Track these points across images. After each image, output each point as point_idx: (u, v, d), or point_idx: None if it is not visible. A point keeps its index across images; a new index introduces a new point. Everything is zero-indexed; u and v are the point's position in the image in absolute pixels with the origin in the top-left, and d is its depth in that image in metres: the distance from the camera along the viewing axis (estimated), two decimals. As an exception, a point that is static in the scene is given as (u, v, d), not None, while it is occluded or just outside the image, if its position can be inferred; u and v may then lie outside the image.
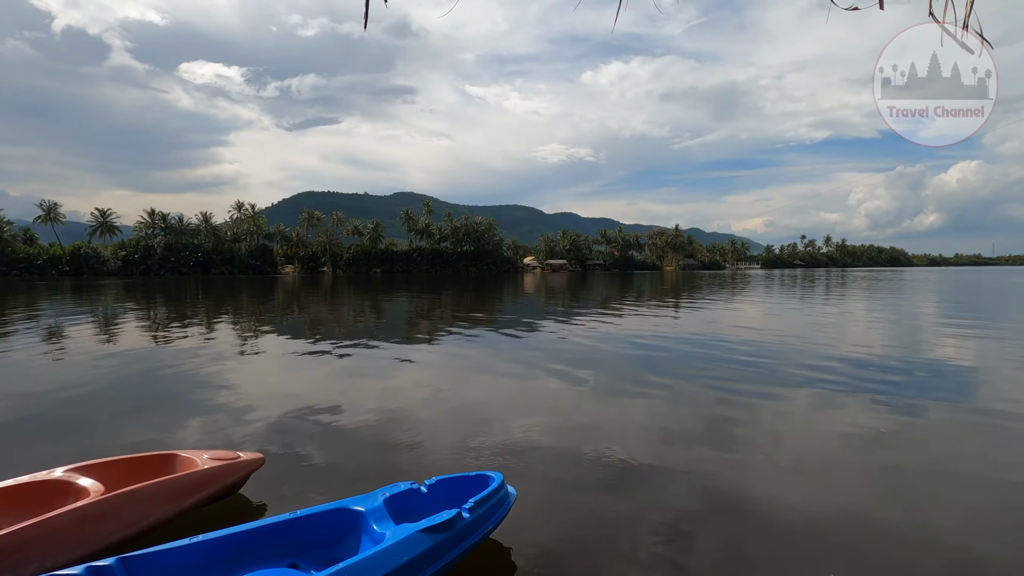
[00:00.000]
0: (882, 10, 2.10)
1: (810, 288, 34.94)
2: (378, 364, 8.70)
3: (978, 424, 5.35)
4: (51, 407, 6.09)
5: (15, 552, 2.43)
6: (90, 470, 3.19)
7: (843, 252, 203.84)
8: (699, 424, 5.33)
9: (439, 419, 5.53)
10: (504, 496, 3.00)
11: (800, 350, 9.74)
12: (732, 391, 6.62)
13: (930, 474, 4.13)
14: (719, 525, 3.30)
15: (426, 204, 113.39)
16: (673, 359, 9.02)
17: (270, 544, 2.63)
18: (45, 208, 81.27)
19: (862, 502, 3.59)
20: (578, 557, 2.96)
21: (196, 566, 2.43)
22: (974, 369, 8.14)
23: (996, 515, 3.47)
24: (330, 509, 2.77)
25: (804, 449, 4.65)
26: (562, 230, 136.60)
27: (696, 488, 3.82)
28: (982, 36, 1.99)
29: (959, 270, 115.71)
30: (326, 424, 5.33)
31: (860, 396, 6.32)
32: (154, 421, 5.53)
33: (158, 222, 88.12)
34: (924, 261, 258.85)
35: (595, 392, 6.76)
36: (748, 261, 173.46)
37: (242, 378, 7.65)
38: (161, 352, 9.90)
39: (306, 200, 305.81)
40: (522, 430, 5.09)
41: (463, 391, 6.92)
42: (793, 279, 54.86)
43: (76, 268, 75.45)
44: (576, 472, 4.10)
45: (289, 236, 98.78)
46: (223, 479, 3.37)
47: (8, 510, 2.89)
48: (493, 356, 9.54)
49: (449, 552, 2.56)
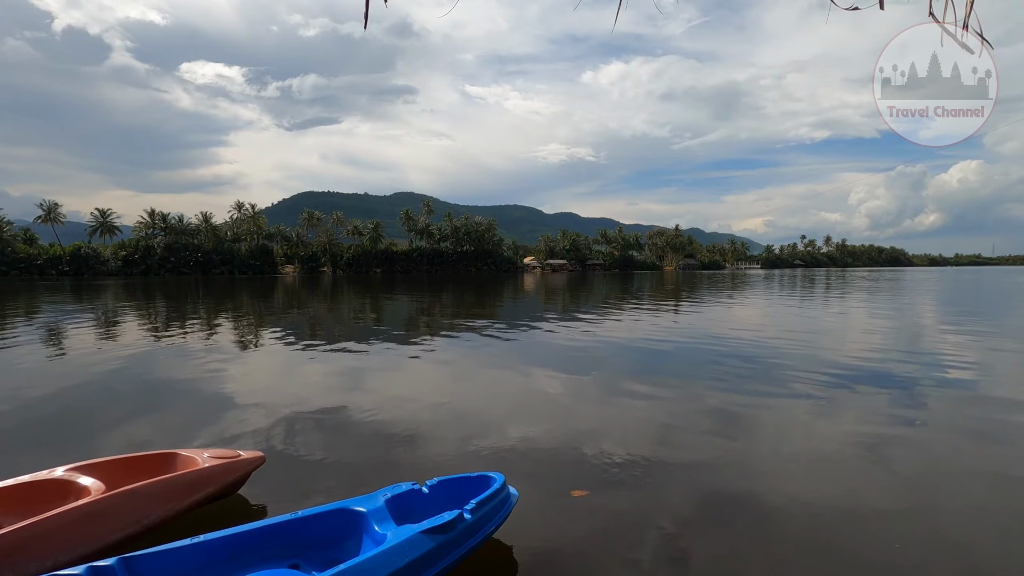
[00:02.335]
0: (882, 10, 2.10)
1: (810, 288, 34.93)
2: (379, 364, 8.70)
3: (980, 423, 5.35)
4: (51, 407, 6.08)
5: (16, 551, 2.43)
6: (91, 469, 3.19)
7: (843, 252, 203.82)
8: (700, 424, 5.33)
9: (440, 419, 5.53)
10: (506, 497, 3.00)
11: (800, 350, 9.74)
12: (732, 391, 6.61)
13: (934, 472, 4.13)
14: (720, 525, 3.30)
15: (426, 204, 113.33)
16: (673, 359, 9.02)
17: (271, 544, 2.63)
18: (45, 208, 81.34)
19: (864, 502, 3.59)
20: (580, 557, 2.96)
21: (197, 566, 2.43)
22: (975, 368, 8.13)
23: (1001, 514, 3.47)
24: (331, 509, 2.77)
25: (805, 449, 4.65)
26: (562, 230, 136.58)
27: (697, 488, 3.82)
28: (982, 36, 1.99)
29: (959, 270, 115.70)
30: (327, 423, 5.33)
31: (860, 396, 6.32)
32: (154, 420, 5.53)
33: (158, 222, 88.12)
34: (924, 261, 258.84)
35: (596, 392, 6.76)
36: (748, 261, 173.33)
37: (242, 377, 7.65)
38: (161, 351, 9.90)
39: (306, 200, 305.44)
40: (523, 430, 5.09)
41: (464, 391, 6.92)
42: (793, 279, 54.84)
43: (76, 268, 75.45)
44: (578, 472, 4.10)
45: (289, 236, 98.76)
46: (224, 478, 3.37)
47: (9, 509, 2.89)
48: (494, 356, 9.53)
49: (451, 553, 2.56)
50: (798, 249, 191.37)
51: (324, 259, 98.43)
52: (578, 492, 3.78)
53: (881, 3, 2.06)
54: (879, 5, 2.07)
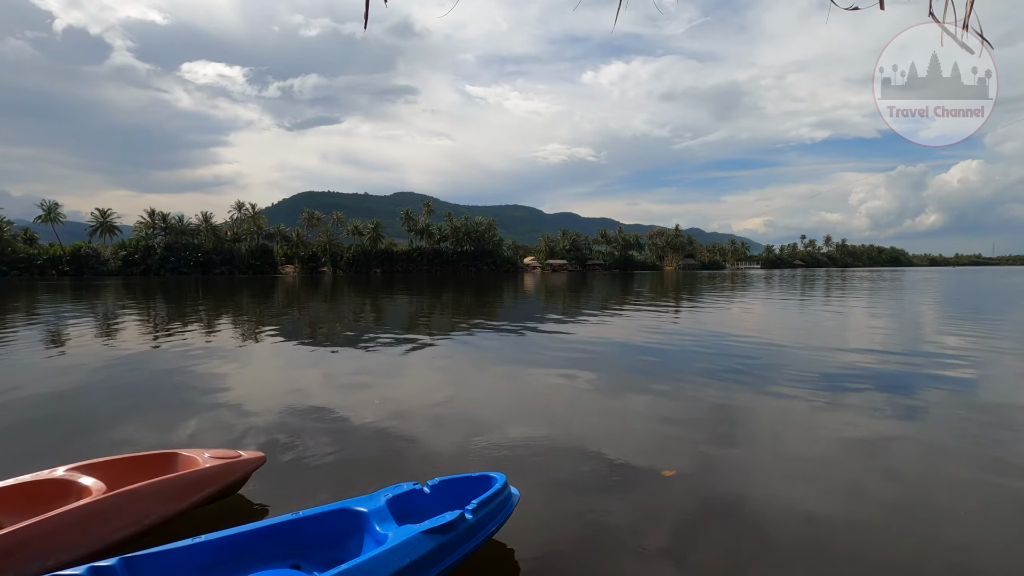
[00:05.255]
0: (882, 10, 2.10)
1: (810, 288, 34.93)
2: (379, 364, 8.69)
3: (980, 422, 5.35)
4: (52, 406, 6.08)
5: (17, 551, 2.43)
6: (91, 469, 3.20)
7: (843, 252, 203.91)
8: (700, 424, 5.33)
9: (441, 419, 5.52)
10: (507, 497, 3.00)
11: (801, 350, 9.74)
12: (733, 391, 6.62)
13: (930, 474, 4.13)
14: (720, 525, 3.30)
15: (426, 204, 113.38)
16: (674, 359, 9.02)
17: (272, 545, 2.63)
18: (45, 208, 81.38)
19: (863, 502, 3.59)
20: (581, 558, 2.96)
21: (198, 566, 2.43)
22: (976, 368, 8.13)
23: (1001, 514, 3.47)
24: (332, 510, 2.77)
25: (805, 449, 4.65)
26: (562, 230, 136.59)
27: (698, 488, 3.82)
28: (982, 36, 1.99)
29: (959, 270, 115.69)
30: (328, 423, 5.33)
31: (861, 396, 6.32)
32: (155, 420, 5.53)
33: (158, 222, 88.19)
34: (924, 261, 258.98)
35: (597, 392, 6.76)
36: (748, 261, 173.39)
37: (243, 377, 7.65)
38: (161, 351, 9.90)
39: (306, 200, 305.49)
40: (524, 431, 5.09)
41: (465, 391, 6.92)
42: (793, 279, 54.84)
43: (76, 268, 75.50)
44: (579, 473, 4.10)
45: (289, 236, 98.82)
46: (224, 478, 3.37)
47: (10, 509, 2.89)
48: (494, 356, 9.54)
49: (452, 553, 2.56)
50: (798, 249, 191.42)
51: (324, 259, 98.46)
52: (668, 472, 3.99)
53: (881, 3, 2.06)
54: (879, 5, 2.07)
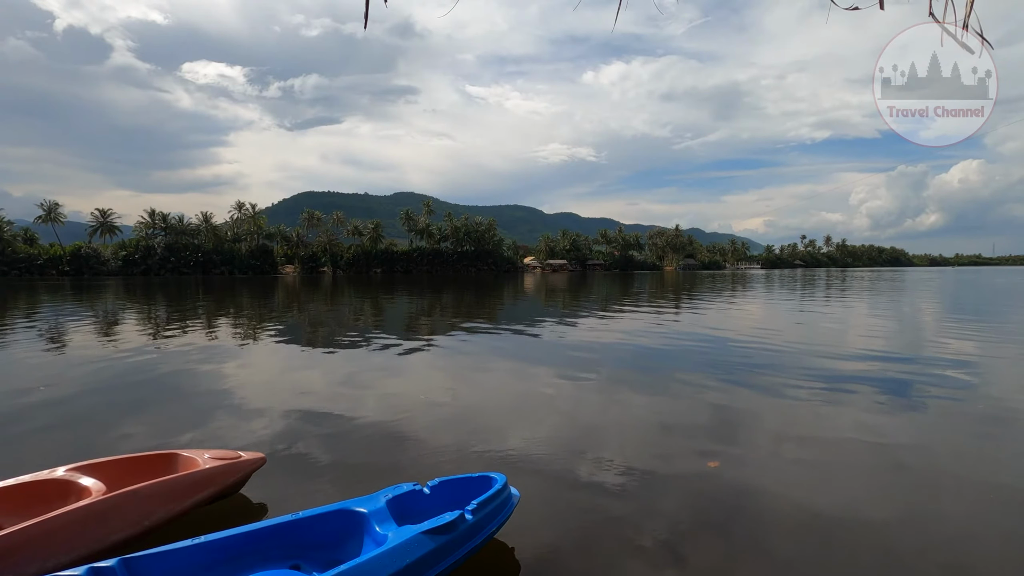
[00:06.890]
0: (882, 10, 2.10)
1: (810, 288, 34.92)
2: (379, 364, 8.69)
3: (980, 423, 5.35)
4: (52, 407, 6.08)
5: (17, 551, 2.43)
6: (92, 469, 3.20)
7: (843, 252, 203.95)
8: (701, 424, 5.33)
9: (441, 420, 5.52)
10: (507, 497, 3.00)
11: (801, 350, 9.74)
12: (733, 391, 6.62)
13: (932, 473, 4.13)
14: (721, 525, 3.30)
15: (426, 204, 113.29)
16: (674, 360, 9.02)
17: (272, 545, 2.63)
18: (46, 208, 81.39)
19: (863, 502, 3.59)
20: (581, 558, 2.96)
21: (198, 567, 2.43)
22: (976, 367, 8.12)
23: (1001, 516, 3.47)
24: (332, 510, 2.77)
25: (805, 449, 4.64)
26: (562, 230, 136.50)
27: (698, 488, 3.82)
28: (982, 36, 1.99)
29: (959, 270, 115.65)
30: (327, 424, 5.33)
31: (861, 396, 6.32)
32: (155, 420, 5.53)
33: (158, 222, 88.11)
34: (924, 261, 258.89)
35: (597, 393, 6.76)
36: (748, 261, 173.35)
37: (243, 378, 7.65)
38: (162, 352, 9.90)
39: (306, 200, 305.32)
40: (524, 431, 5.09)
41: (465, 391, 6.92)
42: (793, 279, 54.83)
43: (76, 268, 75.47)
44: (579, 473, 4.10)
45: (289, 236, 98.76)
46: (224, 479, 3.37)
47: (10, 509, 2.89)
48: (494, 357, 9.53)
49: (452, 554, 2.56)
50: (798, 249, 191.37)
51: (324, 259, 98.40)
52: (713, 463, 4.13)
53: (881, 3, 2.06)
54: (879, 5, 2.07)
